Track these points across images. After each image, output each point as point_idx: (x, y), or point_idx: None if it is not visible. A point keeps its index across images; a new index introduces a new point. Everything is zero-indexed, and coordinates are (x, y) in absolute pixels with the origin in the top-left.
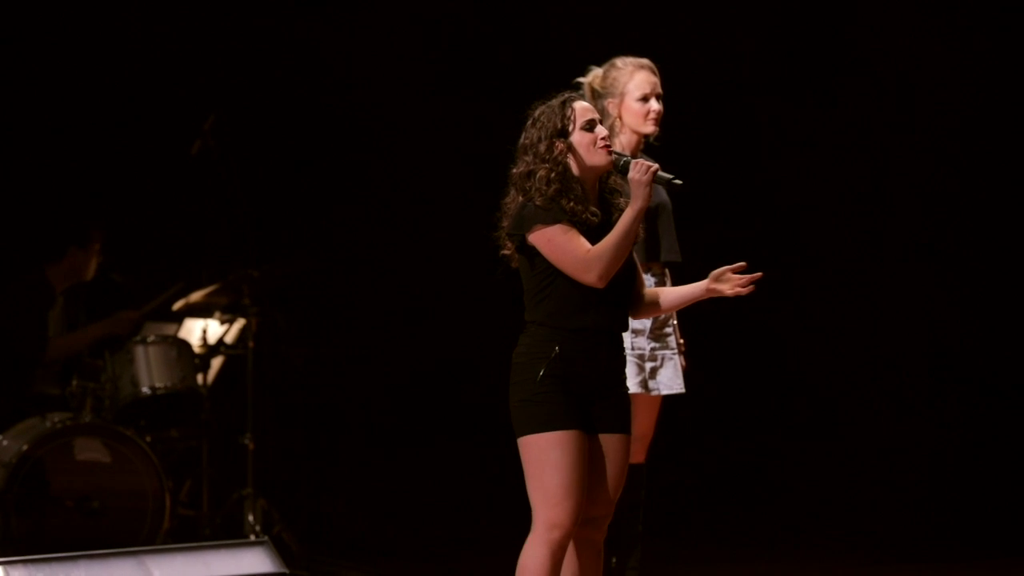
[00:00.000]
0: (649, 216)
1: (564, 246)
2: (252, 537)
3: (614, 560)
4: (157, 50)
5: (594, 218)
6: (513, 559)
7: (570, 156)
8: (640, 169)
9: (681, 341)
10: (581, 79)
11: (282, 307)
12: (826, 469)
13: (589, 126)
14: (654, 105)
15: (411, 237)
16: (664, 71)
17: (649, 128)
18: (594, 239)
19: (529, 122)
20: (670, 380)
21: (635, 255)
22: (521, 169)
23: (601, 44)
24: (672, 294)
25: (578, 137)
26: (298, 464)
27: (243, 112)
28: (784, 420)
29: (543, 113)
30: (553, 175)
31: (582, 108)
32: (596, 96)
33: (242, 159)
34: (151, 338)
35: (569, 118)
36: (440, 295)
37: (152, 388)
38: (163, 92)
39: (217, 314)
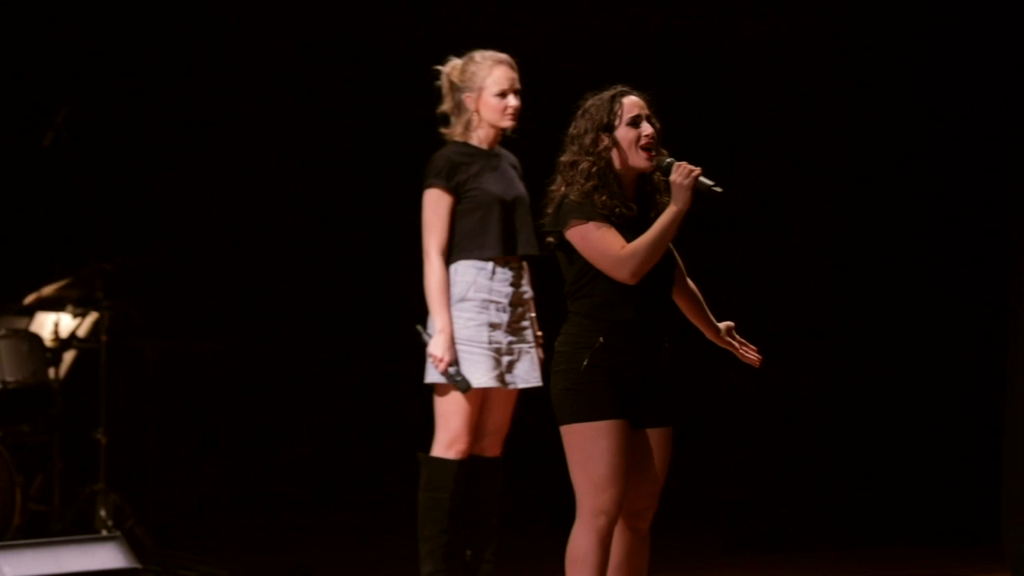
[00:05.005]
0: (506, 209)
1: (598, 243)
2: (104, 532)
3: (469, 553)
4: (8, 41)
5: (629, 212)
6: (374, 552)
7: (614, 150)
8: (682, 172)
9: (539, 334)
10: (440, 67)
11: (135, 300)
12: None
13: (634, 122)
14: (512, 101)
15: (264, 231)
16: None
17: (506, 123)
18: (630, 234)
19: (579, 112)
20: (527, 373)
21: (671, 245)
22: (566, 158)
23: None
24: (702, 312)
25: (623, 133)
26: (151, 459)
27: (96, 104)
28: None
29: (592, 105)
30: (594, 169)
31: (630, 103)
32: (454, 88)
33: (95, 151)
34: (1, 332)
35: (616, 113)
36: (292, 289)
37: (2, 382)
38: (14, 83)
39: (69, 307)
